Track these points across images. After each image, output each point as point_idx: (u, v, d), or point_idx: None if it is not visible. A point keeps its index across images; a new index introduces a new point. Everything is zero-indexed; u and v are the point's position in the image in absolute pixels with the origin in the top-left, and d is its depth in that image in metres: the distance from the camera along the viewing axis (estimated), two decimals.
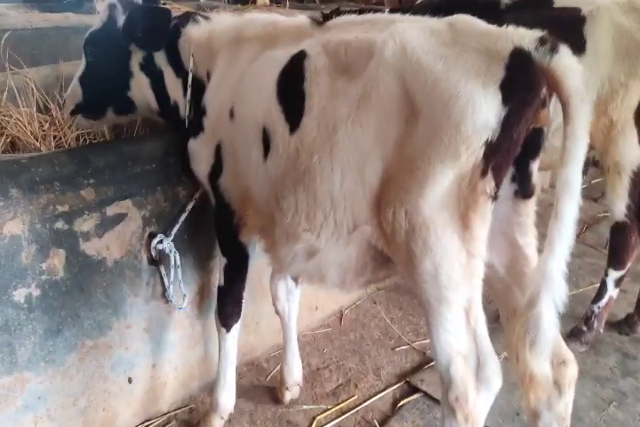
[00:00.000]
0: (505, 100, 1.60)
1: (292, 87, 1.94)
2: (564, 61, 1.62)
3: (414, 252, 1.75)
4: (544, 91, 1.66)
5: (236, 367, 3.11)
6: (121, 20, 2.39)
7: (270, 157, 2.01)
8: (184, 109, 2.43)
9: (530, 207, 1.91)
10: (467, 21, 1.77)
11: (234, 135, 2.17)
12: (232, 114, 2.17)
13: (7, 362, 2.17)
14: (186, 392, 2.95)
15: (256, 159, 2.06)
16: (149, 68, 2.45)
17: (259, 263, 2.62)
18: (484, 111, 1.60)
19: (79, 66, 2.69)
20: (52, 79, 3.27)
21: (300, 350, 3.32)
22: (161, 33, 2.36)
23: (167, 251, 2.41)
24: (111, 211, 2.28)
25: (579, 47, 2.82)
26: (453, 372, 1.83)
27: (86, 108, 2.68)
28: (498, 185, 1.70)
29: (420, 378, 3.16)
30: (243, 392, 2.99)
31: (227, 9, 6.37)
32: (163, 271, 2.50)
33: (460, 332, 1.81)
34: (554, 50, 1.62)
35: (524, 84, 1.62)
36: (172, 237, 2.43)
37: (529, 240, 1.93)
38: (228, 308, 2.54)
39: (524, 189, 1.88)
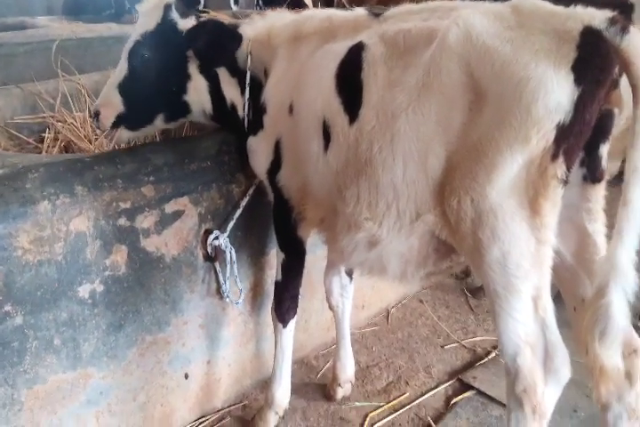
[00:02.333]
0: (577, 81, 1.58)
1: (350, 78, 1.95)
2: (636, 42, 1.59)
3: (481, 240, 1.74)
4: (616, 71, 1.63)
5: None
6: (181, 23, 2.34)
7: (331, 149, 2.02)
8: (242, 109, 2.43)
9: (599, 193, 1.88)
10: (531, 3, 1.74)
11: (293, 130, 2.19)
12: (291, 109, 2.19)
13: (72, 357, 2.22)
14: (239, 389, 2.98)
15: (317, 151, 2.08)
16: (208, 71, 2.40)
17: (307, 261, 2.63)
18: (556, 93, 1.58)
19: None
20: (103, 85, 3.34)
21: None
22: (227, 55, 2.33)
23: (223, 247, 2.44)
24: (169, 208, 2.32)
25: None
26: (521, 362, 1.80)
27: (130, 117, 2.46)
28: (569, 169, 1.67)
29: (472, 375, 3.13)
30: (294, 389, 2.98)
31: None
32: (218, 268, 2.53)
33: (528, 321, 1.78)
34: (625, 30, 1.59)
35: (596, 63, 1.59)
36: (227, 234, 2.46)
37: (598, 227, 1.89)
38: (285, 303, 2.55)
39: (593, 174, 1.85)
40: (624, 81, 1.64)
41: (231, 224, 2.49)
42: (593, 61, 1.59)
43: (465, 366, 3.24)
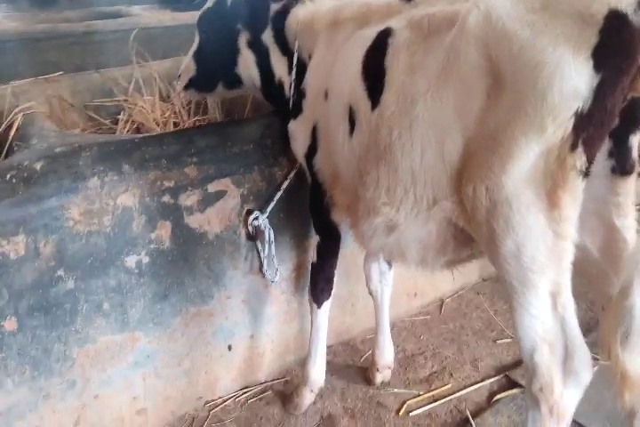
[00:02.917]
0: (597, 67, 1.48)
1: (374, 64, 1.95)
2: None
3: (495, 230, 1.68)
4: None
5: (332, 346, 3.22)
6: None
7: (355, 135, 2.04)
8: (288, 88, 2.50)
9: (629, 186, 1.75)
10: None
11: (327, 115, 2.22)
12: (326, 95, 2.22)
13: (120, 321, 2.43)
14: (282, 365, 3.09)
15: (343, 137, 2.10)
16: (256, 46, 2.54)
17: (354, 245, 2.66)
18: (573, 79, 1.48)
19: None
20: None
21: (397, 335, 3.34)
22: (260, 19, 2.47)
23: (262, 227, 2.53)
24: (212, 188, 2.45)
25: None
26: (538, 359, 1.73)
27: (199, 82, 2.81)
28: (590, 160, 1.57)
29: (521, 373, 3.00)
30: (336, 370, 3.07)
31: None
32: (259, 247, 2.64)
33: (546, 318, 1.71)
34: None
35: (618, 49, 1.48)
36: (267, 214, 2.55)
37: (628, 222, 1.77)
38: (319, 285, 2.62)
39: (622, 166, 1.73)
40: None
41: (271, 205, 2.57)
42: (615, 47, 1.47)
43: (515, 363, 3.12)
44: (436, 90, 1.74)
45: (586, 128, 1.53)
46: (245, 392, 2.96)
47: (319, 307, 2.64)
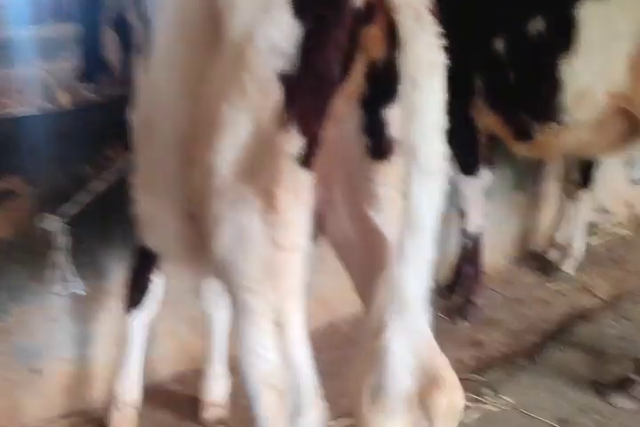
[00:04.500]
0: (298, 16, 1.14)
1: None
2: None
3: (207, 227, 1.31)
4: (359, 3, 1.17)
5: (181, 372, 2.85)
6: None
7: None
8: None
9: (388, 173, 1.38)
10: None
11: None
12: None
13: None
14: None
15: None
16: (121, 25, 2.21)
17: None
18: (268, 30, 1.15)
19: None
20: None
21: None
22: None
23: (56, 232, 2.20)
24: None
25: None
26: (259, 411, 1.34)
27: None
28: (311, 145, 1.20)
29: None
30: (176, 402, 2.66)
31: None
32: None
33: (270, 356, 1.30)
34: None
35: None
36: (65, 219, 2.21)
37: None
38: (129, 289, 2.27)
39: (376, 145, 1.39)
40: None
41: (72, 209, 2.23)
42: None
43: None
44: (167, 46, 1.39)
45: (297, 97, 1.18)
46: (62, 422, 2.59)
47: (127, 313, 2.27)
